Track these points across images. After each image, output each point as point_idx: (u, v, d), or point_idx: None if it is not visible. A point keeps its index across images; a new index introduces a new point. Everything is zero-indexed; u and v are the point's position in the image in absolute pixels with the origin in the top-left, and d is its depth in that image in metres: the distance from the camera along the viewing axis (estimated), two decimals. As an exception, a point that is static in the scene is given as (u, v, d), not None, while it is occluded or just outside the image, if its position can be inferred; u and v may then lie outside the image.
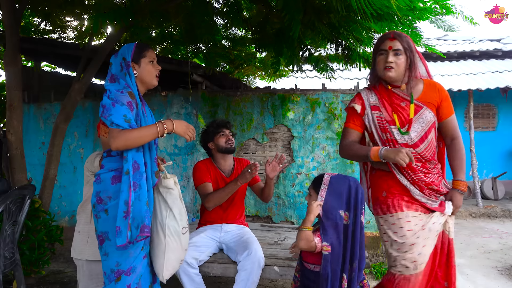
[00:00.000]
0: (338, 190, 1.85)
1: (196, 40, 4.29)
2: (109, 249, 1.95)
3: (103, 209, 1.94)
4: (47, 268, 3.69)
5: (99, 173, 1.98)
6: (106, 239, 1.95)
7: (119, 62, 2.07)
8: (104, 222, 1.95)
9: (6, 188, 3.06)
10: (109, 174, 1.96)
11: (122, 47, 2.11)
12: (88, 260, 2.31)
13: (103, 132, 2.03)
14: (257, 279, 2.50)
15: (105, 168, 1.98)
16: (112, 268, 1.96)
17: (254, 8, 3.92)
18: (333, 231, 1.82)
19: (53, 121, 4.82)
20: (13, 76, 3.44)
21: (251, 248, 2.54)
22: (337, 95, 4.43)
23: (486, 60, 8.54)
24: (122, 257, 1.96)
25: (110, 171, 1.97)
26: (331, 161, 4.41)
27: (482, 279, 3.81)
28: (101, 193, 1.95)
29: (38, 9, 4.58)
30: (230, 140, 2.84)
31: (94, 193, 1.97)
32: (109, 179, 1.96)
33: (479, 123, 8.05)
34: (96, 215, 1.97)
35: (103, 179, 1.96)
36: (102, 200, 1.95)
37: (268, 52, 4.45)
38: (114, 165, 1.97)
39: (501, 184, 7.75)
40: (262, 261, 2.53)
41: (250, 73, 5.68)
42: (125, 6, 3.41)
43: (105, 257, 1.97)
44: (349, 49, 3.46)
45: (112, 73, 2.06)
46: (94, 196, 1.98)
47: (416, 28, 2.78)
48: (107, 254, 1.96)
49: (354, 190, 1.86)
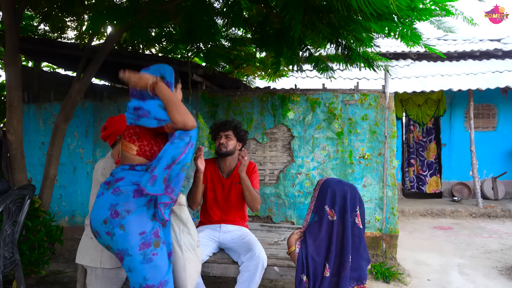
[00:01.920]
0: (325, 189, 2.05)
1: (196, 40, 4.28)
2: (132, 264, 1.86)
3: (118, 224, 1.83)
4: (47, 268, 3.69)
5: (118, 185, 1.89)
6: (126, 256, 1.85)
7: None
8: (120, 239, 1.84)
9: (6, 188, 3.06)
10: (131, 187, 1.89)
11: (162, 66, 2.06)
12: (101, 267, 2.29)
13: (128, 148, 1.99)
14: (259, 279, 2.52)
15: (127, 180, 1.91)
16: (140, 283, 1.87)
17: (254, 8, 3.92)
18: (318, 225, 2.02)
19: (53, 121, 4.82)
20: (13, 76, 3.44)
21: (255, 249, 2.55)
22: (337, 95, 4.43)
23: (486, 60, 8.53)
24: (150, 271, 1.87)
25: (133, 184, 1.90)
26: (331, 161, 4.41)
27: (482, 279, 3.81)
28: (119, 206, 1.85)
29: (38, 9, 4.58)
30: (221, 144, 2.83)
31: (108, 206, 1.85)
32: (131, 192, 1.88)
33: (479, 123, 8.05)
34: (109, 232, 1.84)
35: (124, 191, 1.88)
36: (118, 214, 1.84)
37: (268, 52, 4.45)
38: (137, 179, 1.90)
39: (501, 184, 7.75)
40: (265, 262, 2.54)
41: (250, 73, 5.67)
42: (125, 6, 3.40)
43: (130, 273, 1.88)
44: (349, 49, 3.45)
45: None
46: (107, 209, 1.85)
47: (416, 28, 2.77)
48: (131, 270, 1.87)
49: (341, 191, 2.01)
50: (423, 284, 3.72)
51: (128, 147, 2.00)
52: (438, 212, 6.89)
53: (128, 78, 1.96)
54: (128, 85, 2.02)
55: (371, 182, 4.34)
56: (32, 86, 5.49)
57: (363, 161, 4.36)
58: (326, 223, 2.00)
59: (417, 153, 8.06)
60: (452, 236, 5.56)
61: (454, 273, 3.99)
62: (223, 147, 2.82)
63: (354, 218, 1.98)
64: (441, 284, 3.70)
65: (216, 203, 2.90)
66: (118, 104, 4.83)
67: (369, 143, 4.36)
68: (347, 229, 1.94)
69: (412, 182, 8.02)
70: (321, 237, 1.99)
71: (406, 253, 4.59)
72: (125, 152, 2.02)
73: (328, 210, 2.00)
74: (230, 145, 2.83)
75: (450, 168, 8.14)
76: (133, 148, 1.98)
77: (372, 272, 3.87)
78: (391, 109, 4.33)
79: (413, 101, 7.96)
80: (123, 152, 2.04)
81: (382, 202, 4.30)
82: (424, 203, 7.37)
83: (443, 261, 4.38)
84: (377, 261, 4.13)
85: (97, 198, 1.93)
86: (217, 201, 2.90)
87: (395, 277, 3.78)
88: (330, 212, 2.00)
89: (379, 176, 4.33)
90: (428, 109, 7.91)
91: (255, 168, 2.94)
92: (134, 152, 1.98)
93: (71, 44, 4.96)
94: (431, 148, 7.98)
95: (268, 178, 4.51)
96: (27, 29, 5.55)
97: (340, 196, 1.99)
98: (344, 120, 4.40)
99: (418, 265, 4.24)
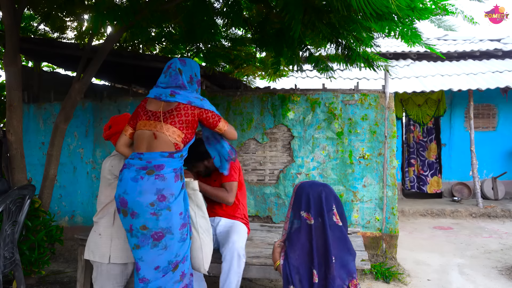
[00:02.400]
0: (299, 194, 2.03)
1: (196, 40, 4.28)
2: (170, 242, 2.10)
3: (165, 206, 2.08)
4: (47, 268, 3.69)
5: (163, 172, 2.11)
6: (167, 233, 2.09)
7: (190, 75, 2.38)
8: (166, 219, 2.08)
9: (6, 188, 3.06)
10: (172, 174, 2.13)
11: (193, 62, 2.43)
12: (110, 263, 2.34)
13: (171, 132, 2.17)
14: (240, 269, 2.54)
15: (168, 167, 2.12)
16: (170, 260, 2.11)
17: (254, 8, 3.91)
18: (297, 232, 1.99)
19: (53, 121, 4.82)
20: (13, 76, 3.44)
21: (230, 239, 2.61)
22: (337, 95, 4.43)
23: (486, 60, 8.53)
24: (182, 248, 2.14)
25: (173, 170, 2.14)
26: (331, 161, 4.41)
27: (482, 279, 3.81)
28: (164, 190, 2.09)
29: (38, 10, 4.58)
30: (200, 174, 2.97)
31: (154, 191, 2.07)
32: (172, 177, 2.12)
33: (479, 123, 8.05)
34: (155, 212, 2.07)
35: (167, 177, 2.11)
36: (165, 198, 2.08)
37: (268, 52, 4.45)
38: (176, 164, 2.17)
39: (501, 184, 7.75)
40: (241, 251, 2.57)
41: (250, 73, 5.67)
42: (125, 6, 3.40)
43: (163, 250, 2.10)
44: (349, 49, 3.45)
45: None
46: (153, 194, 2.07)
47: (416, 28, 2.77)
48: (166, 247, 2.10)
49: (315, 193, 1.98)
50: (423, 284, 3.72)
51: (172, 132, 2.17)
52: (438, 212, 6.89)
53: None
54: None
55: (371, 182, 4.34)
56: (32, 86, 5.49)
57: (363, 161, 4.36)
58: (305, 229, 1.96)
59: (418, 153, 8.06)
60: (452, 236, 5.56)
61: (454, 273, 3.99)
62: (202, 174, 2.97)
63: (331, 217, 1.94)
64: (441, 284, 3.70)
65: (206, 198, 2.95)
66: (118, 104, 4.83)
67: (369, 143, 4.36)
68: (327, 231, 1.91)
69: (412, 182, 8.02)
70: (302, 244, 1.96)
71: (406, 253, 4.59)
72: (164, 135, 2.17)
73: (305, 214, 1.97)
74: (207, 169, 2.95)
75: (450, 168, 8.14)
76: (180, 134, 2.18)
77: (372, 272, 3.87)
78: (391, 109, 4.33)
79: (413, 101, 7.96)
80: (161, 135, 2.17)
81: (382, 202, 4.30)
82: (424, 203, 7.37)
83: (443, 261, 4.38)
84: (377, 261, 4.13)
85: (135, 182, 2.10)
86: (206, 197, 2.95)
87: (395, 277, 3.78)
88: (307, 216, 1.97)
89: (379, 176, 4.33)
90: (428, 109, 7.91)
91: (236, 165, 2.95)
92: (179, 139, 2.18)
93: (71, 44, 4.96)
94: (431, 148, 7.98)
95: (268, 178, 4.51)
96: (27, 29, 5.55)
97: (314, 198, 1.97)
98: (344, 120, 4.40)
99: (418, 265, 4.24)
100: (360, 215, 4.33)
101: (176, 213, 2.11)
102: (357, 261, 2.66)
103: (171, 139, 2.16)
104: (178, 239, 2.12)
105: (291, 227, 2.03)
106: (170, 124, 2.17)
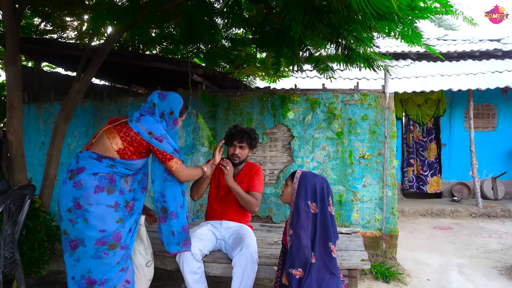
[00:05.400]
0: (305, 184, 2.14)
1: (196, 40, 4.27)
2: (82, 255, 2.06)
3: (82, 215, 2.04)
4: (47, 268, 3.69)
5: (81, 176, 2.09)
6: (80, 245, 2.05)
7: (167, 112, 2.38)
8: (80, 229, 2.05)
9: (6, 188, 3.05)
10: (92, 180, 2.09)
11: (174, 98, 2.42)
12: None
13: (112, 139, 2.17)
14: (253, 273, 2.51)
15: (89, 171, 2.13)
16: (83, 274, 2.05)
17: (254, 8, 3.92)
18: (298, 218, 2.10)
19: (53, 121, 4.82)
20: (13, 76, 3.44)
21: (244, 243, 2.57)
22: (337, 95, 4.43)
23: (486, 60, 8.53)
24: (96, 267, 2.06)
25: (93, 174, 2.11)
26: (331, 161, 4.41)
27: (482, 279, 3.81)
28: (80, 199, 2.06)
29: (38, 9, 4.58)
30: (235, 155, 2.90)
31: (71, 198, 2.07)
32: (92, 187, 2.08)
33: (479, 123, 8.05)
34: (72, 219, 2.05)
35: (84, 185, 2.09)
36: (81, 206, 2.05)
37: (268, 52, 4.45)
38: (100, 170, 2.13)
39: (501, 184, 7.75)
40: (255, 255, 2.54)
41: (250, 73, 5.67)
42: (125, 6, 3.40)
43: (77, 262, 2.06)
44: (349, 49, 3.45)
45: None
46: (70, 201, 2.07)
47: (417, 28, 2.77)
48: (79, 260, 2.06)
49: (319, 185, 2.14)
50: (423, 284, 3.72)
51: (113, 136, 2.14)
52: (438, 212, 6.89)
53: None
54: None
55: (371, 182, 4.34)
56: (32, 86, 5.49)
57: (363, 161, 4.37)
58: (310, 217, 2.12)
59: (417, 153, 8.07)
60: (452, 236, 5.56)
61: (454, 273, 4.00)
62: (236, 157, 2.91)
63: (328, 207, 2.14)
64: (441, 284, 3.70)
65: (218, 199, 2.98)
66: (118, 104, 4.83)
67: (369, 143, 4.36)
68: (327, 220, 2.11)
69: (411, 182, 8.02)
70: (308, 229, 2.11)
71: (406, 253, 4.60)
72: (106, 139, 2.15)
73: (310, 204, 2.12)
74: (243, 155, 2.94)
75: (450, 168, 8.14)
76: (119, 144, 2.13)
77: (372, 272, 3.87)
78: (391, 109, 4.33)
79: (413, 101, 7.97)
80: (104, 139, 2.15)
81: (382, 202, 4.30)
82: (424, 203, 7.38)
83: (443, 261, 4.38)
84: (377, 261, 4.14)
85: (62, 185, 2.15)
86: (219, 198, 2.98)
87: (395, 277, 3.79)
88: (312, 206, 2.12)
89: (379, 176, 4.33)
90: (428, 109, 7.91)
91: (259, 171, 2.99)
92: (116, 147, 2.13)
93: (71, 44, 4.96)
94: (431, 148, 7.98)
95: (268, 178, 4.51)
96: (27, 29, 5.55)
97: (320, 189, 2.13)
98: (344, 120, 4.40)
99: (418, 265, 4.24)
100: (360, 215, 4.34)
101: (94, 226, 2.05)
102: (357, 261, 2.66)
103: (108, 143, 2.14)
104: (91, 254, 2.05)
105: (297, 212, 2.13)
106: (116, 130, 2.18)
